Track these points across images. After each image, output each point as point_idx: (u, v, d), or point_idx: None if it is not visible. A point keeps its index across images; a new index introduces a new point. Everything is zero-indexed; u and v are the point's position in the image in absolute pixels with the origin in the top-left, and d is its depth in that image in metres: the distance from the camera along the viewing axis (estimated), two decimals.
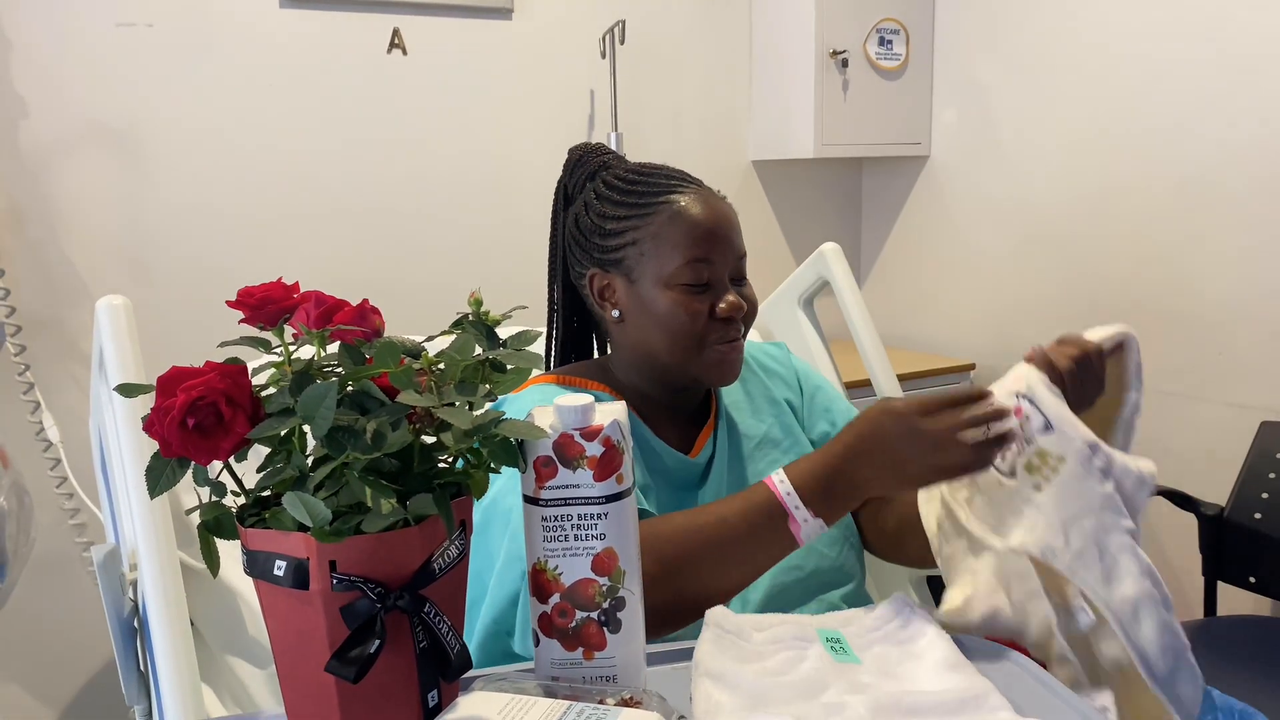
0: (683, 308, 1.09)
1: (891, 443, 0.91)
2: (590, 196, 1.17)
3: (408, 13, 2.41)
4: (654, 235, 1.10)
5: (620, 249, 1.12)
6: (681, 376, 1.14)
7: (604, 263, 1.14)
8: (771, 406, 1.25)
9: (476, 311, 0.77)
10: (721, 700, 0.75)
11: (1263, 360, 2.17)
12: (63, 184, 2.14)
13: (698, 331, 1.09)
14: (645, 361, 1.15)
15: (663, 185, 1.13)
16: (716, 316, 1.10)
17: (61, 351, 2.16)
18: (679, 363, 1.12)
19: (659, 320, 1.10)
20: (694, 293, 1.09)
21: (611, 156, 1.21)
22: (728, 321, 1.10)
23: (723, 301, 1.10)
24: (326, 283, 0.85)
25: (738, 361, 1.13)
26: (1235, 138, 2.16)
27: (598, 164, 1.20)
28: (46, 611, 2.17)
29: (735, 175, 2.91)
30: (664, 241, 1.09)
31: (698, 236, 1.09)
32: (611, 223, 1.13)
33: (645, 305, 1.11)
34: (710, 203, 1.12)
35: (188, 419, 0.66)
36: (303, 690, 0.70)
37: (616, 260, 1.13)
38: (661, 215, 1.10)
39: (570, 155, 1.23)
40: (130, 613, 1.08)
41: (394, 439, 0.66)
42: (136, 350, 1.14)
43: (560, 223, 1.24)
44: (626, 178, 1.15)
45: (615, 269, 1.13)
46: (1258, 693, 1.70)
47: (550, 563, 0.76)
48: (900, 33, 2.77)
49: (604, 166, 1.19)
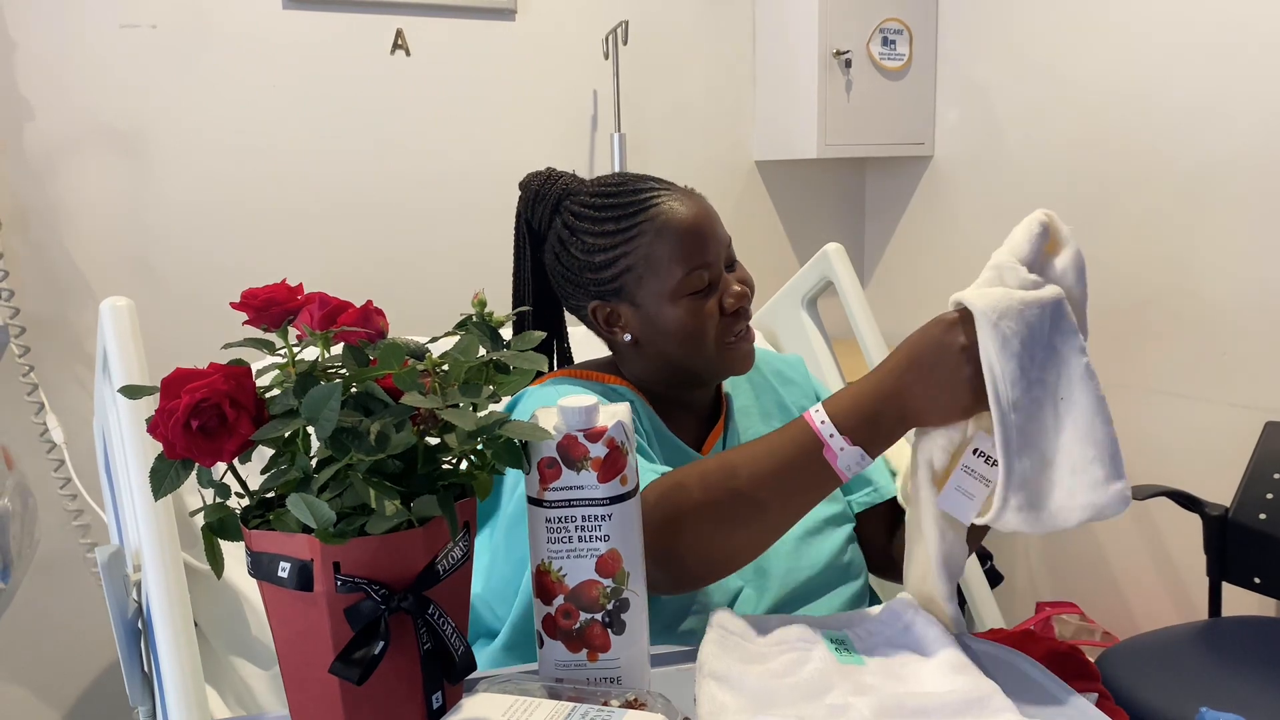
0: (696, 316, 1.09)
1: (948, 359, 0.84)
2: (564, 232, 1.15)
3: (411, 14, 2.41)
4: (645, 256, 1.09)
5: (616, 278, 1.11)
6: (705, 376, 1.15)
7: (603, 294, 1.13)
8: (781, 412, 1.25)
9: (480, 313, 0.77)
10: (726, 701, 0.75)
11: (1267, 361, 2.16)
12: (67, 185, 2.15)
13: (715, 333, 1.11)
14: (665, 370, 1.16)
15: (635, 201, 1.11)
16: (726, 312, 1.11)
17: (66, 353, 2.16)
18: (702, 366, 1.13)
19: (675, 334, 1.10)
20: (702, 298, 1.10)
21: (568, 180, 1.18)
22: (738, 313, 1.12)
23: (729, 296, 1.11)
24: (331, 284, 0.85)
25: (752, 349, 1.15)
26: (1239, 137, 2.16)
27: (559, 193, 1.17)
28: (51, 613, 2.17)
29: (738, 176, 2.91)
30: (657, 259, 1.09)
31: (690, 244, 1.09)
32: (599, 255, 1.11)
33: (657, 324, 1.11)
34: (687, 204, 1.11)
35: (192, 421, 0.66)
36: (307, 692, 0.70)
37: (616, 289, 1.12)
38: (647, 233, 1.09)
39: (526, 190, 1.20)
40: (134, 614, 1.08)
41: (398, 440, 0.66)
42: (141, 352, 1.14)
43: (524, 258, 1.22)
44: (595, 203, 1.13)
45: (616, 297, 1.13)
46: (1263, 694, 1.70)
47: (554, 564, 0.76)
48: (904, 33, 2.77)
49: (566, 194, 1.16)
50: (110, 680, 2.26)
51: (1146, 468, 2.36)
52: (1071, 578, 2.66)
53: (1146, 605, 2.47)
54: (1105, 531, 2.53)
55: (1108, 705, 0.99)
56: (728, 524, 0.90)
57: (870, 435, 0.87)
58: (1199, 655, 1.87)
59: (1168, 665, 1.82)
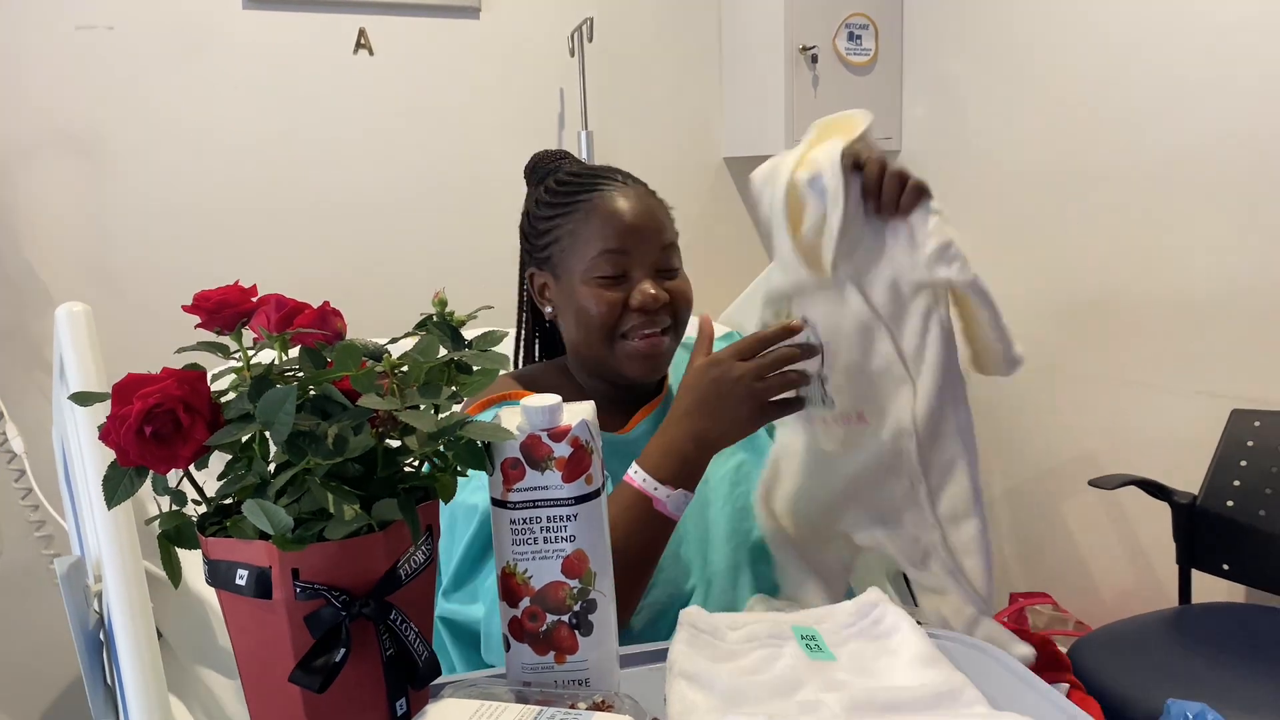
0: (597, 299, 1.10)
1: (718, 392, 0.98)
2: (531, 200, 1.20)
3: (374, 13, 2.39)
4: (573, 231, 1.13)
5: (548, 246, 1.15)
6: (604, 370, 1.15)
7: (539, 261, 1.18)
8: None
9: (441, 312, 0.76)
10: (696, 700, 0.75)
11: (1233, 349, 2.18)
12: (24, 190, 2.11)
13: (612, 323, 1.10)
14: (576, 357, 1.18)
15: (588, 184, 1.15)
16: (631, 308, 1.10)
17: (25, 360, 2.12)
18: (598, 356, 1.13)
19: (577, 314, 1.12)
20: (608, 285, 1.10)
21: (566, 160, 1.24)
22: (646, 313, 1.11)
23: (638, 293, 1.10)
24: (294, 285, 0.84)
25: (659, 355, 1.13)
26: (1206, 128, 2.18)
27: (551, 168, 1.22)
28: (15, 625, 2.13)
29: (707, 173, 2.91)
30: (579, 237, 1.12)
31: (613, 229, 1.11)
32: (542, 222, 1.16)
33: (568, 299, 1.13)
34: (631, 197, 1.13)
35: (145, 427, 0.64)
36: (268, 701, 0.69)
37: (547, 258, 1.16)
38: (581, 211, 1.13)
39: (529, 162, 1.26)
40: (95, 625, 1.06)
41: (356, 443, 0.65)
42: (98, 358, 1.11)
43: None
44: (562, 179, 1.18)
45: (547, 266, 1.17)
46: (1232, 679, 1.71)
47: (520, 566, 0.75)
48: (869, 28, 2.77)
49: (555, 170, 1.22)
50: (75, 694, 2.22)
51: (1116, 457, 2.38)
52: (1044, 568, 2.68)
53: (1118, 594, 2.49)
54: (1077, 521, 2.55)
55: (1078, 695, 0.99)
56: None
57: (684, 474, 1.00)
58: (1169, 643, 1.88)
59: (1139, 653, 1.83)
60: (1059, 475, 2.58)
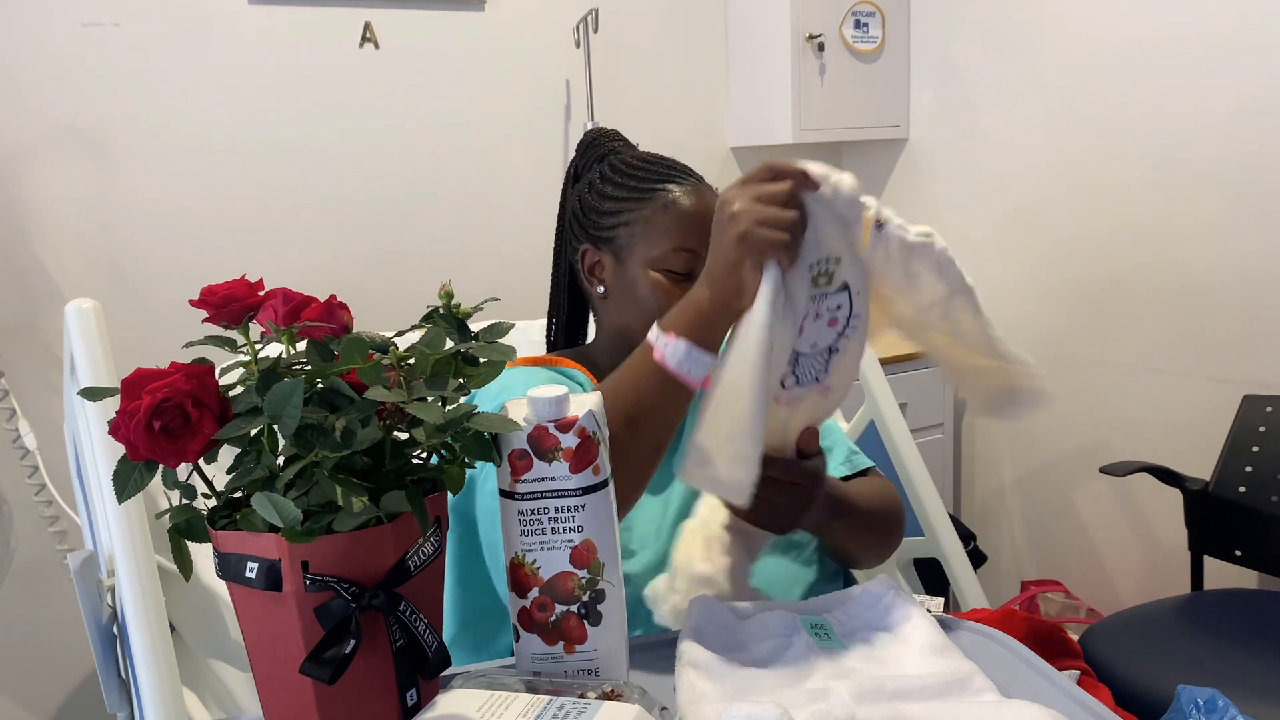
0: (662, 291, 1.12)
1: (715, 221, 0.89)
2: (595, 177, 1.20)
3: (379, 6, 2.39)
4: (647, 219, 1.14)
5: (614, 228, 1.16)
6: None
7: (597, 240, 1.18)
8: None
9: (447, 304, 0.76)
10: (706, 689, 0.75)
11: (1243, 334, 2.17)
12: (32, 187, 2.11)
13: None
14: (623, 343, 1.16)
15: (663, 174, 1.17)
16: None
17: (37, 357, 2.13)
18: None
19: (638, 300, 1.13)
20: (676, 280, 1.12)
21: (622, 143, 1.25)
22: None
23: None
24: (302, 280, 0.84)
25: None
26: (1213, 114, 2.16)
27: (609, 148, 1.24)
28: (30, 620, 2.14)
29: (714, 162, 2.90)
30: (655, 226, 1.13)
31: (688, 227, 1.12)
32: (610, 202, 1.16)
33: (628, 284, 1.15)
34: (705, 198, 1.15)
35: (154, 421, 0.64)
36: (279, 693, 0.69)
37: (609, 238, 1.16)
38: (657, 201, 1.14)
39: (583, 138, 1.27)
40: (109, 619, 1.07)
41: (363, 436, 0.65)
42: (108, 353, 1.12)
43: (567, 202, 1.27)
44: (631, 163, 1.19)
45: (606, 246, 1.17)
46: (1244, 665, 1.71)
47: (528, 557, 0.75)
48: (876, 15, 2.76)
49: (614, 151, 1.23)
50: (91, 687, 2.24)
51: (1126, 444, 2.38)
52: (1056, 556, 2.67)
53: (1130, 581, 2.48)
54: (1088, 509, 2.54)
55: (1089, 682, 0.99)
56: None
57: (698, 325, 0.90)
58: (1181, 629, 1.88)
59: (1150, 640, 1.83)
60: (1070, 462, 2.57)
